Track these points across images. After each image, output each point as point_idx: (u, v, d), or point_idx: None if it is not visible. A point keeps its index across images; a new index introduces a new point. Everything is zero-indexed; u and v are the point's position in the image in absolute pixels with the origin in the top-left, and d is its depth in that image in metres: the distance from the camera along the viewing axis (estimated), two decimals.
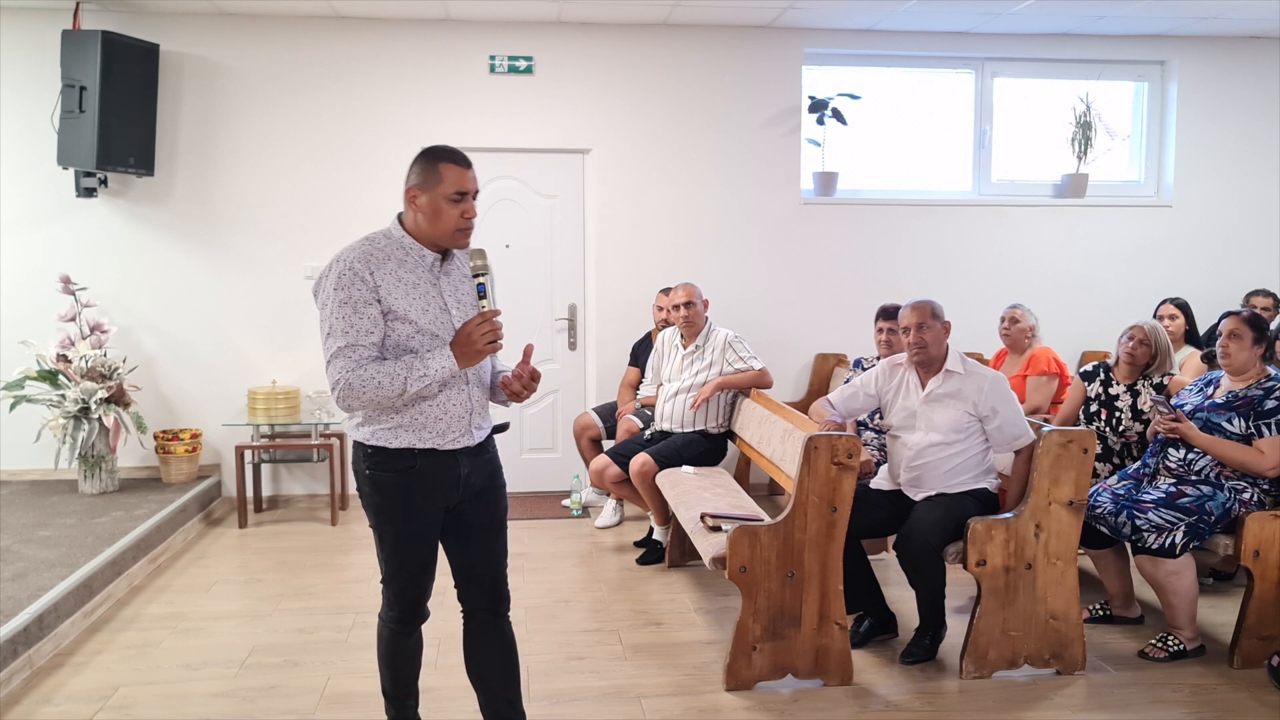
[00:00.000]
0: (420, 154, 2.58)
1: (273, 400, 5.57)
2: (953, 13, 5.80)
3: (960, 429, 3.66)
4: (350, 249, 2.53)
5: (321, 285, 2.51)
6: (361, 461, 2.60)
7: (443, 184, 2.52)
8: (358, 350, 2.45)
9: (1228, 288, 6.23)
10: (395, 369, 2.45)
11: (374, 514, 2.64)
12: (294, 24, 5.82)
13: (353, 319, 2.45)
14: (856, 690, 3.44)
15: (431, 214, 2.54)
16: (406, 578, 2.68)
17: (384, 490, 2.58)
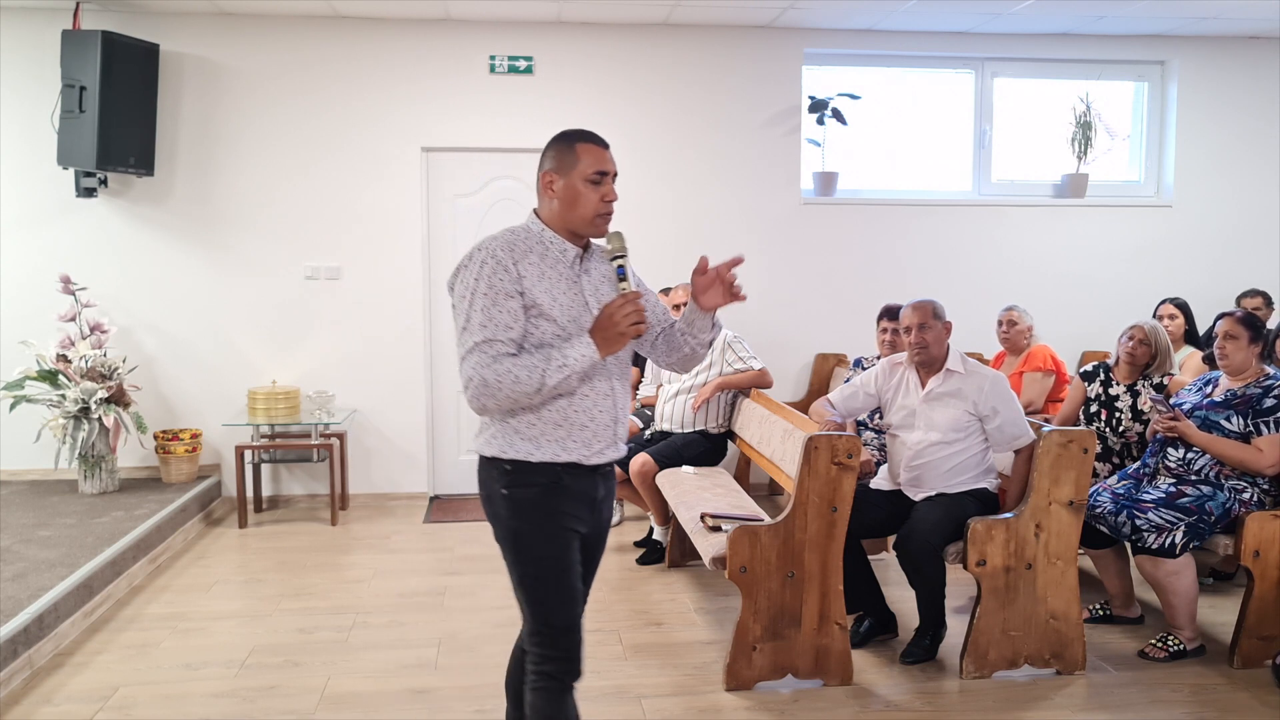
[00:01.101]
0: (554, 138, 2.38)
1: (273, 400, 5.57)
2: (953, 13, 5.80)
3: (960, 428, 3.66)
4: (493, 238, 2.33)
5: (460, 276, 2.30)
6: (495, 481, 2.33)
7: (580, 165, 2.32)
8: (495, 345, 2.23)
9: (1227, 288, 6.23)
10: (532, 361, 2.24)
11: (513, 544, 2.33)
12: (294, 24, 5.82)
13: (491, 311, 2.24)
14: (856, 690, 3.44)
15: (570, 198, 2.33)
16: (565, 616, 2.34)
17: (526, 512, 2.31)
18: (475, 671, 3.60)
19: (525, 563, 2.33)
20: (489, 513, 2.39)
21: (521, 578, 2.34)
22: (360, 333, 5.99)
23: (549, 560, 2.32)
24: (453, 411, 6.20)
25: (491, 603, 4.30)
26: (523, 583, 2.35)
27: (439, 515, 5.80)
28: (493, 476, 2.35)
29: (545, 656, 2.35)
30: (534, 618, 2.35)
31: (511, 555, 2.35)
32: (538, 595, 2.33)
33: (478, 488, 2.44)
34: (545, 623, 2.34)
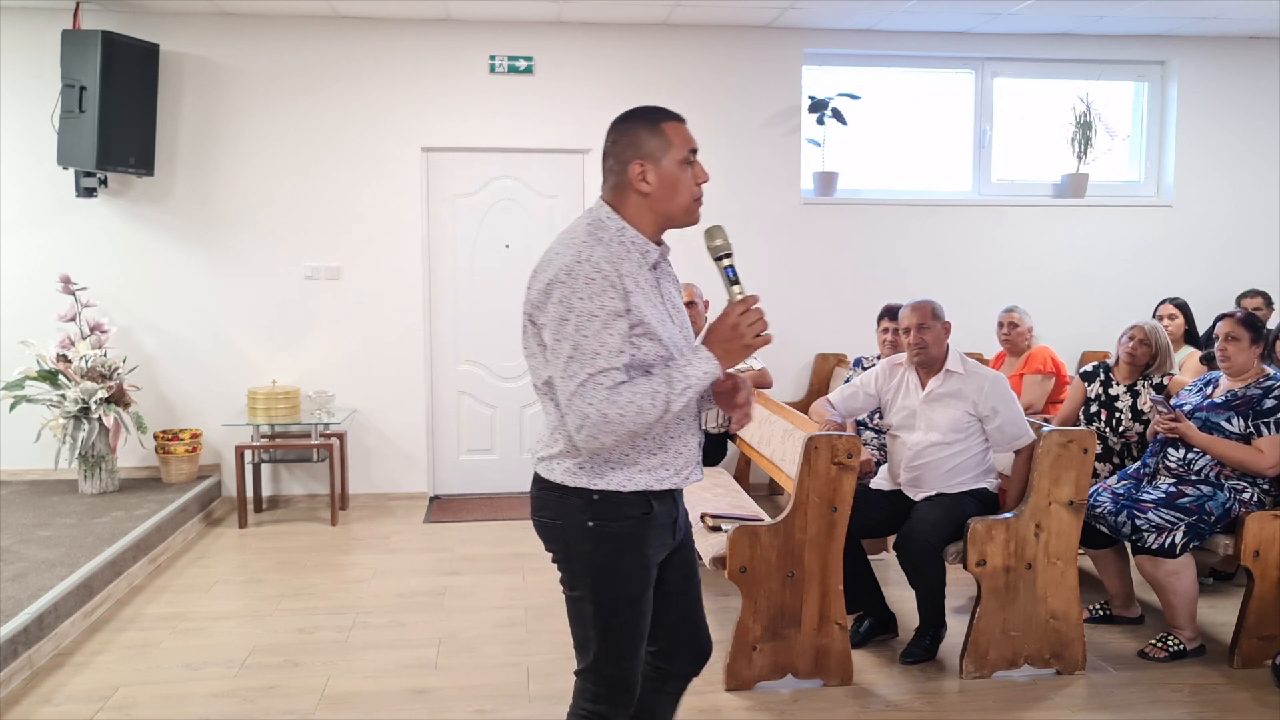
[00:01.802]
0: (626, 121, 2.11)
1: (273, 400, 5.57)
2: (953, 13, 5.80)
3: (960, 429, 3.66)
4: (584, 243, 2.01)
5: (554, 293, 1.98)
6: (578, 511, 2.07)
7: (673, 147, 2.09)
8: (610, 375, 1.95)
9: (1227, 288, 6.22)
10: (652, 386, 1.97)
11: (592, 578, 2.10)
12: (294, 24, 5.82)
13: (603, 336, 1.95)
14: (856, 690, 3.44)
15: (669, 187, 2.09)
16: (630, 665, 2.14)
17: (614, 547, 2.08)
18: (475, 671, 3.60)
19: (604, 602, 2.11)
20: (561, 542, 2.12)
21: (595, 616, 2.12)
22: (360, 333, 5.99)
23: (628, 602, 2.12)
24: (453, 411, 6.20)
25: (491, 603, 4.30)
26: (596, 621, 2.12)
27: (439, 515, 5.80)
28: (574, 506, 2.08)
29: (599, 696, 2.16)
30: (597, 658, 2.14)
31: (588, 591, 2.11)
32: (610, 639, 2.12)
33: (540, 511, 2.15)
34: (613, 667, 2.14)
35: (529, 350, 2.12)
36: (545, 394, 2.12)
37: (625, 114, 2.15)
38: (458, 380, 6.19)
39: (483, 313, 6.15)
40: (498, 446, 6.26)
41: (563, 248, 2.04)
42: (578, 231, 2.08)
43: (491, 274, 6.13)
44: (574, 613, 2.16)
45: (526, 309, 2.09)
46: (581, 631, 2.15)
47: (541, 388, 2.13)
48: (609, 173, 2.12)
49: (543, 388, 2.12)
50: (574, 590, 2.15)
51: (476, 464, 6.25)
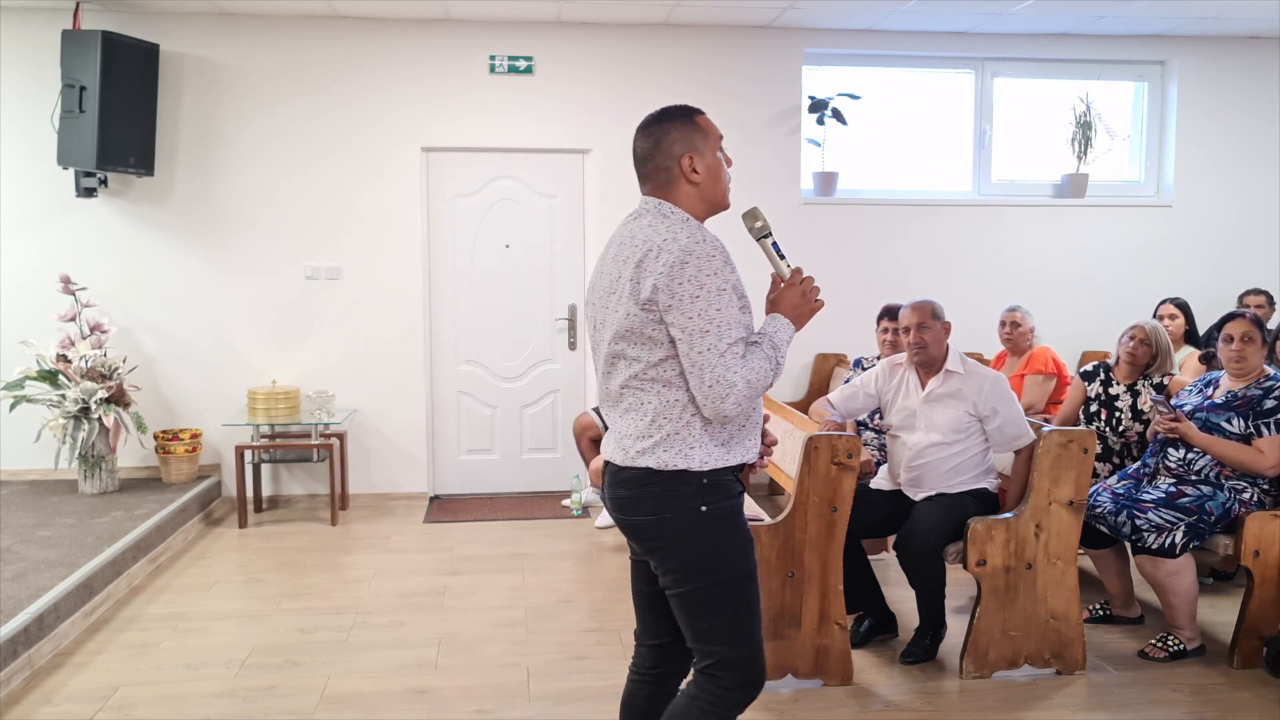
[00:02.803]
0: (663, 121, 2.21)
1: (273, 400, 5.57)
2: (953, 13, 5.80)
3: (960, 429, 3.66)
4: (697, 228, 2.13)
5: (678, 273, 2.05)
6: (689, 498, 2.10)
7: (710, 138, 2.21)
8: (741, 345, 2.08)
9: (1227, 288, 6.23)
10: (765, 352, 2.12)
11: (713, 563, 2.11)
12: (294, 24, 5.82)
13: (730, 309, 2.07)
14: (856, 690, 3.44)
15: (714, 177, 2.22)
16: (759, 632, 2.17)
17: (727, 528, 2.13)
18: (475, 671, 3.60)
19: (731, 585, 2.12)
20: (671, 535, 2.12)
21: (724, 602, 2.12)
22: (360, 333, 5.99)
23: (750, 579, 2.15)
24: (453, 411, 6.20)
25: (491, 603, 4.31)
26: (725, 606, 2.12)
27: (439, 515, 5.80)
28: (683, 494, 2.10)
29: (742, 684, 2.16)
30: (741, 644, 2.14)
31: (711, 578, 2.11)
32: (742, 619, 2.13)
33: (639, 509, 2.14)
34: (753, 648, 2.15)
35: (633, 339, 2.12)
36: (646, 381, 2.13)
37: (657, 115, 2.23)
38: (458, 380, 6.19)
39: (483, 313, 6.15)
40: (498, 446, 6.26)
41: (665, 238, 2.10)
42: (661, 224, 2.14)
43: (491, 274, 6.13)
44: (698, 605, 2.13)
45: (643, 296, 2.08)
46: (709, 621, 2.13)
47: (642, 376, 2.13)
48: (657, 171, 2.20)
49: (648, 374, 2.12)
50: (692, 583, 2.12)
51: (476, 464, 6.25)
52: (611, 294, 2.16)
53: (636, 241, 2.14)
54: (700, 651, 2.18)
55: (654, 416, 2.13)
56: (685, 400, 2.11)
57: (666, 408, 2.12)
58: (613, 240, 2.25)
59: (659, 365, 2.11)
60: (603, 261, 2.25)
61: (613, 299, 2.16)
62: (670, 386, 2.11)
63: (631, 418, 2.16)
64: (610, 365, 2.19)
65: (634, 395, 2.16)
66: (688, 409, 2.12)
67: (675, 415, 2.11)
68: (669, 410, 2.12)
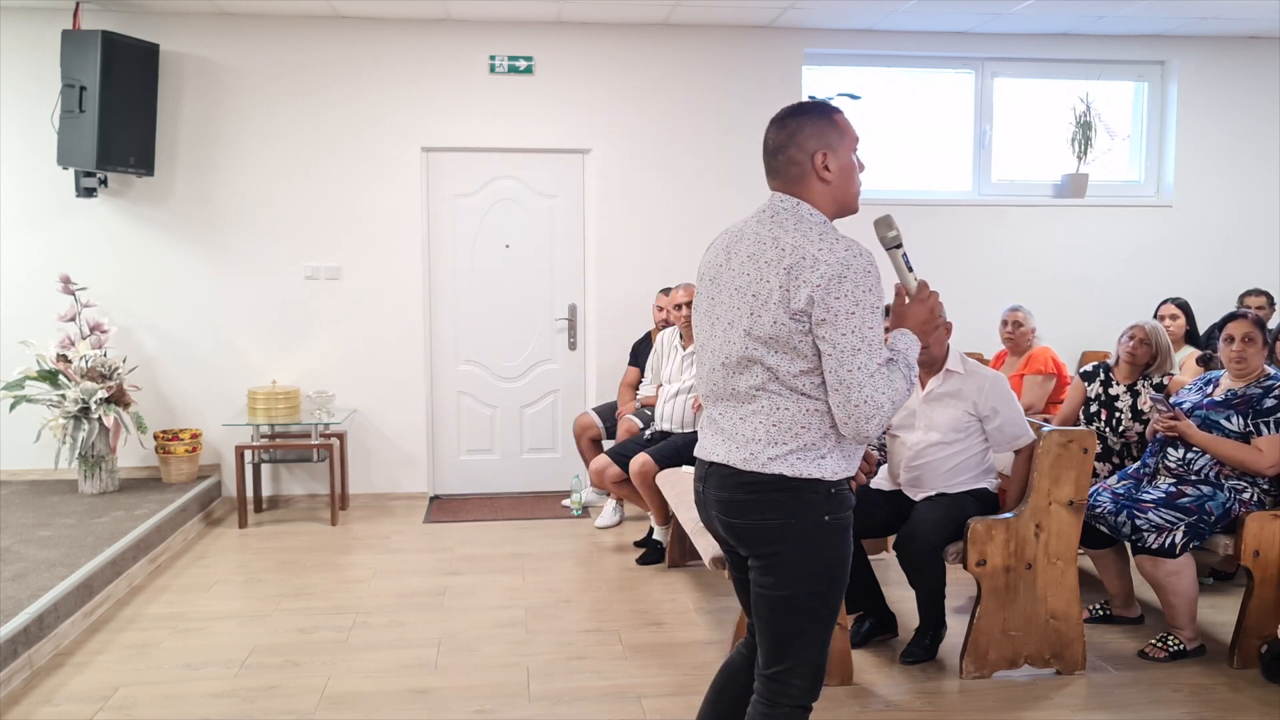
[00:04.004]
0: (800, 115, 2.17)
1: (273, 400, 5.57)
2: (953, 13, 5.80)
3: (960, 428, 3.65)
4: (836, 236, 2.10)
5: (837, 287, 2.04)
6: (816, 507, 2.08)
7: (846, 137, 2.16)
8: (888, 365, 2.11)
9: (1228, 288, 6.23)
10: (901, 370, 2.12)
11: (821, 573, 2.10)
12: (294, 24, 5.82)
13: (879, 328, 2.07)
14: (856, 690, 3.43)
15: (846, 175, 2.16)
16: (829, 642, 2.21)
17: (841, 538, 2.11)
18: (475, 671, 3.60)
19: (829, 594, 2.12)
20: (791, 541, 2.08)
21: (817, 609, 2.12)
22: (360, 333, 5.99)
23: (841, 589, 2.15)
24: (453, 411, 6.20)
25: (491, 603, 4.31)
26: (817, 615, 2.13)
27: (439, 515, 5.80)
28: (811, 502, 2.08)
29: (808, 690, 2.19)
30: (818, 651, 2.16)
31: (811, 587, 2.10)
32: (828, 629, 2.15)
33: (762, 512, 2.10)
34: (821, 655, 2.18)
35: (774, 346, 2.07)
36: (784, 388, 2.09)
37: (794, 109, 2.19)
38: (458, 380, 6.19)
39: (483, 313, 6.15)
40: (498, 446, 6.26)
41: (820, 247, 2.06)
42: (811, 228, 2.10)
43: (491, 274, 6.13)
44: (790, 610, 2.12)
45: (796, 305, 2.05)
46: (800, 627, 2.12)
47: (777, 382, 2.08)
48: (789, 164, 2.16)
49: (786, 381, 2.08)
50: (799, 588, 2.10)
51: (476, 464, 6.25)
52: (748, 295, 2.10)
53: (783, 245, 2.08)
54: (774, 655, 2.16)
55: (790, 425, 2.09)
56: (824, 411, 2.08)
57: (805, 416, 2.08)
58: (740, 235, 2.18)
59: (801, 376, 2.08)
60: (728, 255, 2.18)
61: (752, 301, 2.09)
62: (809, 397, 2.08)
63: (758, 421, 2.11)
64: (741, 367, 2.12)
65: (769, 400, 2.10)
66: (825, 420, 2.09)
67: (814, 425, 2.08)
68: (807, 419, 2.08)
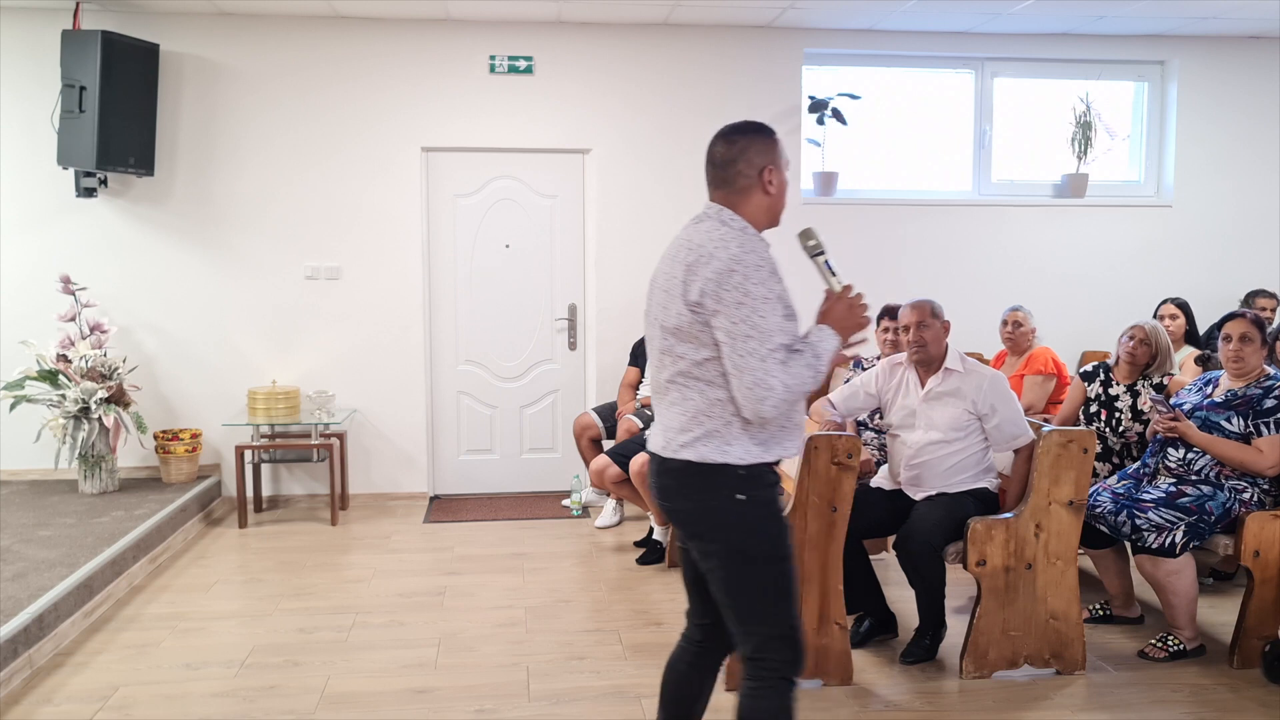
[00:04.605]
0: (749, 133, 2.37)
1: (273, 400, 5.57)
2: (953, 13, 5.80)
3: (960, 427, 3.66)
4: (738, 236, 2.25)
5: (727, 280, 2.18)
6: (727, 487, 2.25)
7: (783, 157, 2.38)
8: (782, 351, 2.20)
9: (1228, 288, 6.23)
10: (807, 359, 2.23)
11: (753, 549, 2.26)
12: (294, 24, 5.82)
13: (774, 317, 2.19)
14: (856, 690, 3.44)
15: (782, 191, 2.37)
16: (798, 611, 2.34)
17: (765, 515, 2.27)
18: (475, 671, 3.60)
19: (768, 567, 2.27)
20: (712, 521, 2.27)
21: (763, 583, 2.28)
22: (360, 333, 5.99)
23: (787, 562, 2.30)
24: (453, 411, 6.20)
25: (491, 603, 4.31)
26: (765, 588, 2.28)
27: (439, 515, 5.80)
28: (722, 484, 2.25)
29: (786, 661, 2.30)
30: (778, 622, 2.29)
31: (747, 563, 2.26)
32: (783, 600, 2.30)
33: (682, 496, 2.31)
34: (790, 625, 2.30)
35: (681, 337, 2.26)
36: (689, 379, 2.27)
37: (741, 126, 2.39)
38: (458, 380, 6.19)
39: (483, 313, 6.15)
40: (497, 446, 6.26)
41: (717, 245, 2.24)
42: (717, 231, 2.28)
43: (491, 274, 6.13)
44: (731, 586, 2.28)
45: (691, 298, 2.22)
46: (745, 600, 2.28)
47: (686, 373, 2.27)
48: (737, 176, 2.35)
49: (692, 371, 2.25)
50: (730, 565, 2.27)
51: (476, 464, 6.25)
52: (665, 292, 2.31)
53: (692, 245, 2.29)
54: (742, 636, 2.32)
55: (695, 413, 2.26)
56: (726, 399, 2.24)
57: (709, 405, 2.25)
58: (673, 242, 2.39)
59: (703, 364, 2.25)
60: (662, 261, 2.39)
61: (664, 297, 2.31)
62: (712, 385, 2.24)
63: (675, 411, 2.30)
64: (662, 359, 2.33)
65: (679, 390, 2.29)
66: (728, 408, 2.24)
67: (716, 413, 2.25)
68: (711, 408, 2.25)
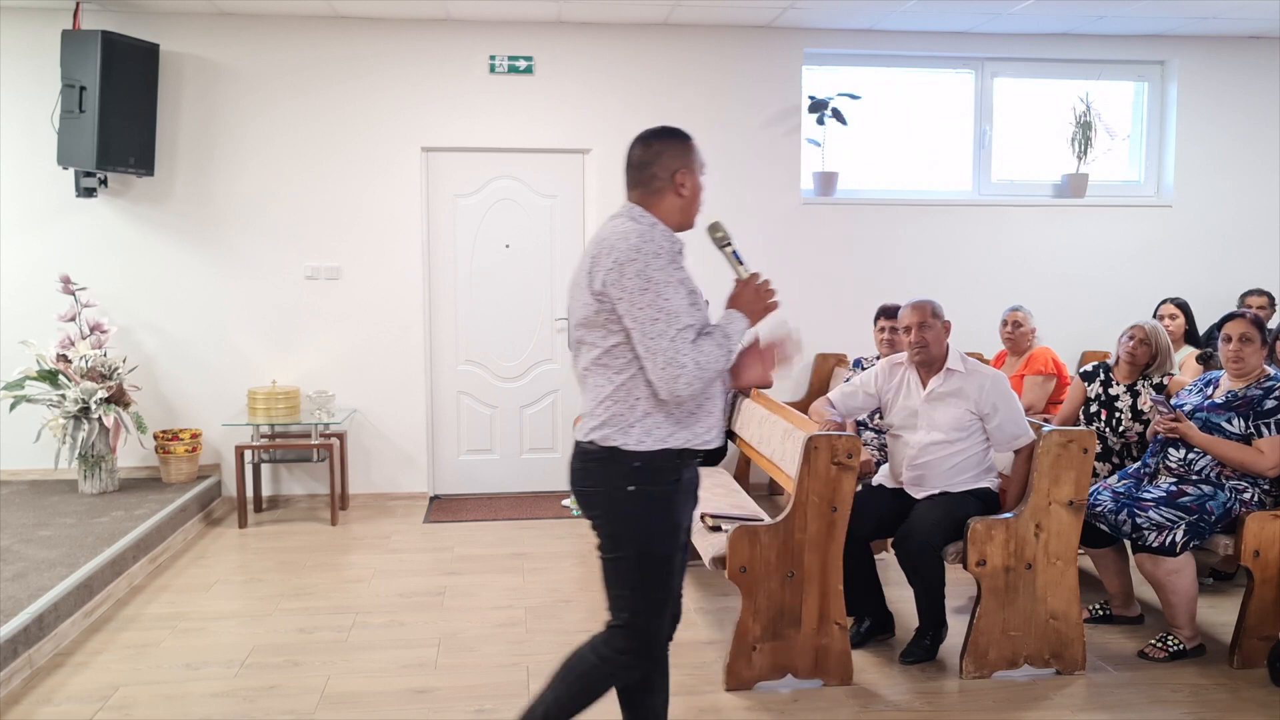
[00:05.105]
0: (666, 137, 2.46)
1: (273, 400, 5.57)
2: (953, 13, 5.80)
3: (962, 428, 3.65)
4: (640, 229, 2.36)
5: (627, 269, 2.28)
6: (623, 478, 2.34)
7: (698, 161, 2.49)
8: (691, 331, 2.31)
9: (1227, 288, 6.23)
10: (717, 339, 2.34)
11: (632, 539, 2.35)
12: (294, 24, 5.82)
13: (679, 300, 2.30)
14: (856, 690, 3.44)
15: (695, 194, 2.48)
16: (661, 613, 2.40)
17: (650, 509, 2.34)
18: (475, 671, 3.60)
19: (642, 561, 2.36)
20: (603, 507, 2.39)
21: (634, 575, 2.37)
22: (360, 333, 5.99)
23: (664, 560, 2.38)
24: (453, 411, 6.20)
25: (491, 603, 4.31)
26: (634, 580, 2.37)
27: (439, 515, 5.80)
28: (615, 471, 2.35)
29: (630, 648, 2.40)
30: (634, 613, 2.39)
31: (628, 552, 2.36)
32: (646, 595, 2.38)
33: (583, 481, 2.42)
34: (646, 621, 2.39)
35: (589, 326, 2.37)
36: (598, 366, 2.38)
37: (659, 131, 2.48)
38: (458, 380, 6.19)
39: (483, 313, 6.15)
40: (498, 446, 6.26)
41: (618, 238, 2.35)
42: (623, 225, 2.39)
43: (491, 274, 6.13)
44: (613, 573, 2.40)
45: (595, 288, 2.33)
46: (619, 590, 2.40)
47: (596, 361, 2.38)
48: (651, 178, 2.44)
49: (600, 359, 2.37)
50: (614, 552, 2.38)
51: (476, 464, 6.25)
52: (575, 285, 2.43)
53: (599, 239, 2.40)
54: (612, 613, 2.43)
55: (603, 398, 2.38)
56: (631, 385, 2.35)
57: (614, 390, 2.36)
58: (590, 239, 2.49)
59: (610, 351, 2.36)
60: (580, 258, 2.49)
61: (575, 290, 2.43)
62: (620, 372, 2.36)
63: (589, 396, 2.44)
64: (576, 350, 2.46)
65: (591, 377, 2.42)
66: (633, 393, 2.35)
67: (620, 398, 2.36)
68: (616, 393, 2.36)
